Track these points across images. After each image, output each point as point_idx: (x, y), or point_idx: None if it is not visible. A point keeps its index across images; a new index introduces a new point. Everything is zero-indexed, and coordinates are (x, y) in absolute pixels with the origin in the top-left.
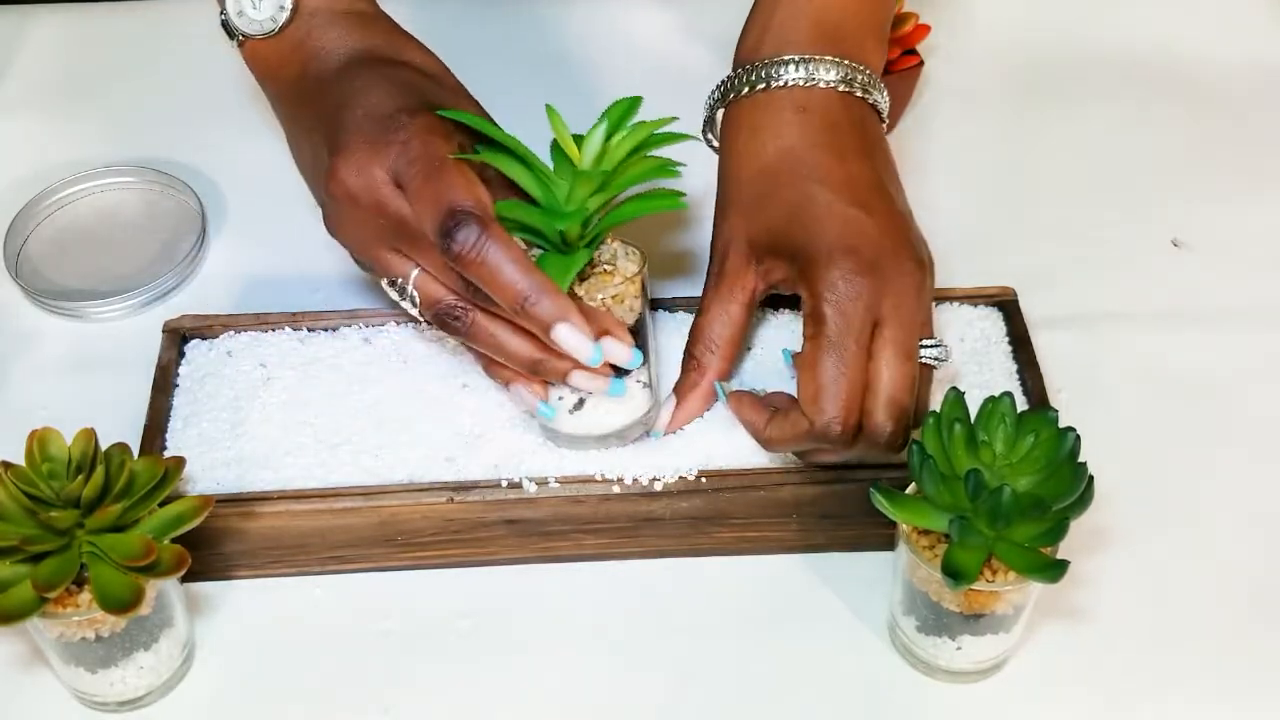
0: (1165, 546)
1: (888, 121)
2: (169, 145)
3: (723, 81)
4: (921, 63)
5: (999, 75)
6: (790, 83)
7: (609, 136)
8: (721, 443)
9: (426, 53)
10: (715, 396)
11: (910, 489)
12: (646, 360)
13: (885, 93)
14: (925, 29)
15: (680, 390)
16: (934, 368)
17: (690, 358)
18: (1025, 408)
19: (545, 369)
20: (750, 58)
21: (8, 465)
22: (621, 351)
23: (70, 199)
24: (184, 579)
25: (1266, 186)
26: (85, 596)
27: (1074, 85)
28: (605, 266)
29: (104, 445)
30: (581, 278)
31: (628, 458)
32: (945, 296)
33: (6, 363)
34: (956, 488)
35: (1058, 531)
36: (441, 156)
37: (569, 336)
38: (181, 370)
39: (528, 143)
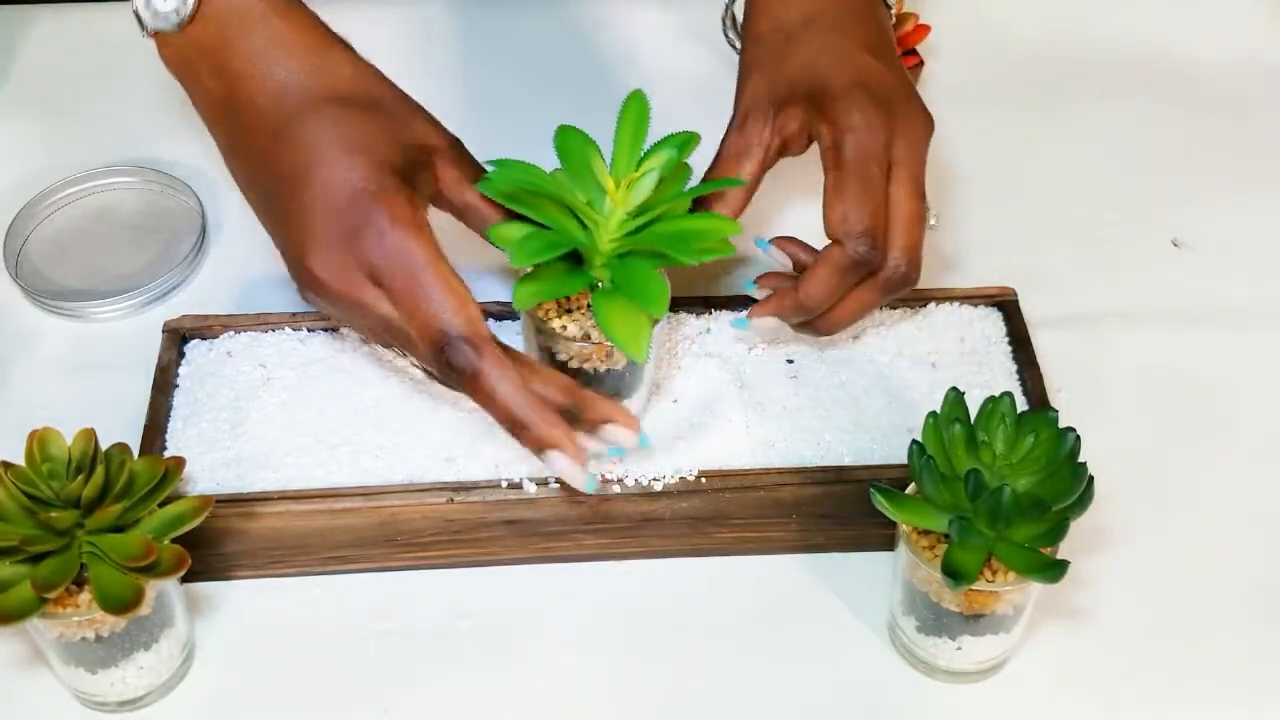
0: (1165, 546)
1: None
2: (169, 145)
3: None
4: (921, 63)
5: (999, 75)
6: None
7: (660, 179)
8: (722, 443)
9: (354, 60)
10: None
11: (910, 489)
12: (641, 381)
13: None
14: (925, 29)
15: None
16: (926, 227)
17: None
18: (1025, 408)
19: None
20: None
21: (8, 465)
22: (626, 438)
23: (70, 199)
24: (184, 579)
25: (1266, 186)
26: (85, 597)
27: (1074, 85)
28: None
29: (104, 445)
30: (578, 305)
31: (628, 458)
32: (945, 296)
33: (6, 363)
34: (956, 488)
35: (1058, 532)
36: (420, 257)
37: (558, 462)
38: (181, 370)
39: (530, 143)
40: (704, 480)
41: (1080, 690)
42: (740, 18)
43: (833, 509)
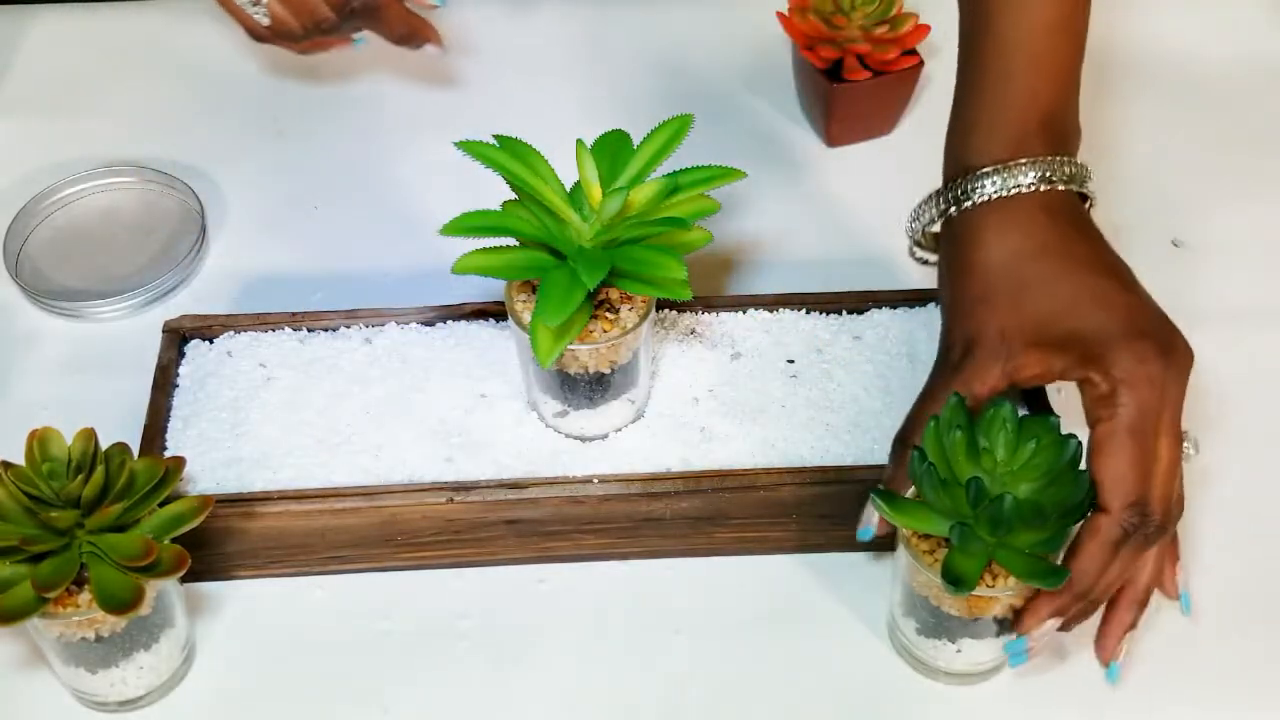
0: None
1: (893, 123)
2: (169, 145)
3: (943, 191)
4: (921, 63)
5: None
6: (1029, 185)
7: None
8: (721, 443)
9: None
10: None
11: (910, 493)
12: (638, 383)
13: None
14: (925, 29)
15: (891, 482)
16: (1187, 458)
17: (904, 447)
18: (1024, 410)
19: None
20: (980, 162)
21: (8, 465)
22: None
23: (70, 199)
24: (184, 579)
25: (1266, 186)
26: (85, 596)
27: None
28: (607, 314)
29: (104, 445)
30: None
31: (628, 458)
32: None
33: (6, 363)
34: (957, 494)
35: (1058, 539)
36: None
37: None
38: (181, 370)
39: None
40: (704, 480)
41: (1078, 688)
42: (934, 233)
43: (833, 509)
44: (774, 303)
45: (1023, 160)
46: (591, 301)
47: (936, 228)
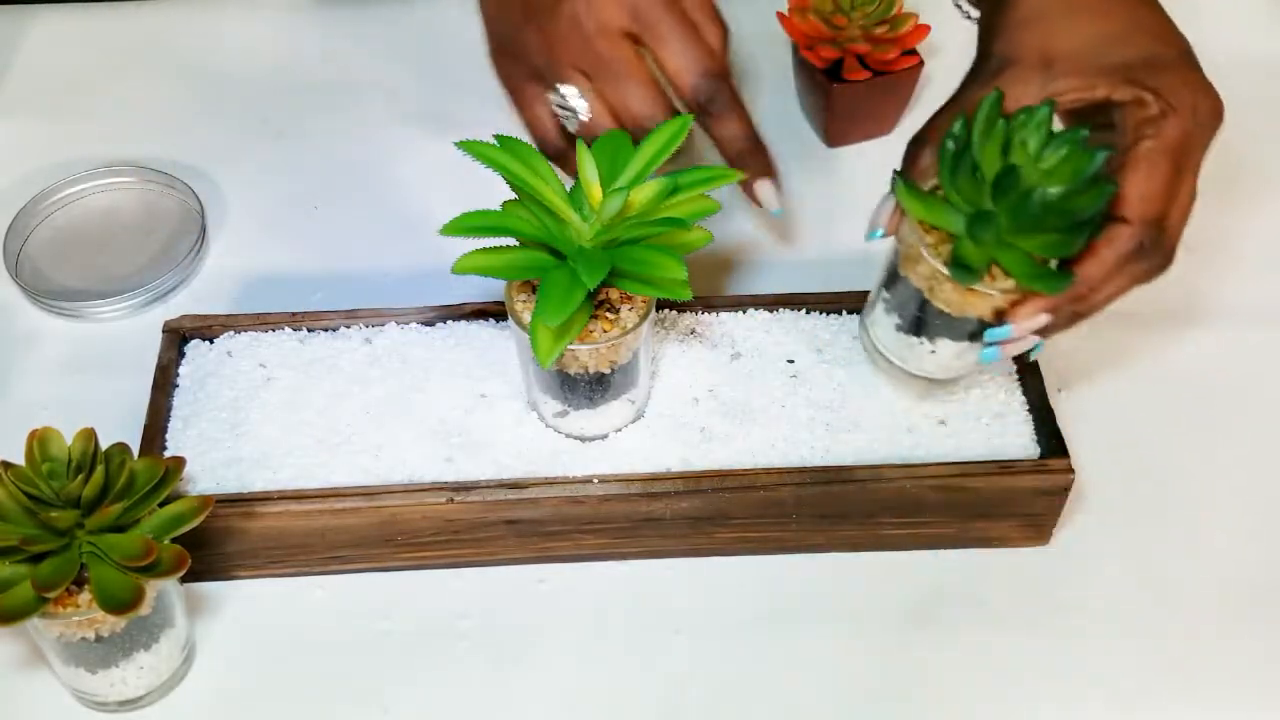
0: (1165, 546)
1: (893, 123)
2: (169, 145)
3: None
4: (922, 63)
5: None
6: None
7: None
8: (722, 443)
9: None
10: None
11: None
12: (638, 383)
13: None
14: (925, 29)
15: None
16: None
17: (918, 146)
18: (1024, 399)
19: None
20: None
21: (8, 465)
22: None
23: (70, 199)
24: (184, 579)
25: (1266, 186)
26: (85, 597)
27: None
28: (607, 314)
29: (104, 445)
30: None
31: (628, 458)
32: None
33: (6, 363)
34: (983, 185)
35: (1069, 245)
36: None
37: (769, 189)
38: (181, 370)
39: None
40: (704, 480)
41: (1080, 690)
42: None
43: (833, 509)
44: (774, 303)
45: None
46: (591, 301)
47: None
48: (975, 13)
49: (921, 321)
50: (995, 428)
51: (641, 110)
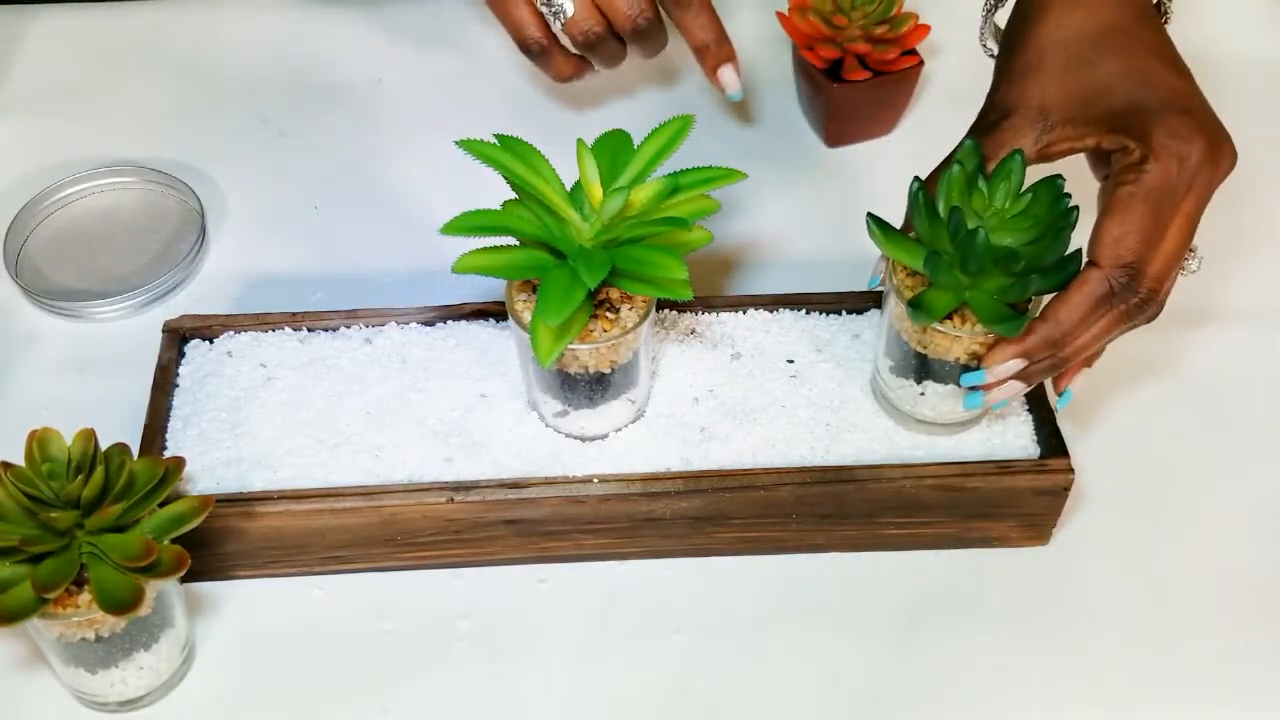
0: (1165, 546)
1: (893, 123)
2: (169, 145)
3: None
4: (921, 63)
5: None
6: None
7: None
8: (722, 443)
9: None
10: None
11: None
12: (638, 383)
13: None
14: (925, 29)
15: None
16: (1187, 272)
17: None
18: (1026, 407)
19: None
20: None
21: (8, 465)
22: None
23: (70, 199)
24: (184, 579)
25: (1267, 186)
26: (85, 597)
27: None
28: (607, 314)
29: (104, 445)
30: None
31: (628, 458)
32: None
33: (6, 363)
34: (940, 229)
35: (1021, 289)
36: None
37: (731, 74)
38: (181, 370)
39: (540, 139)
40: (704, 480)
41: (1080, 690)
42: (1002, 26)
43: (833, 509)
44: (774, 303)
45: None
46: (591, 301)
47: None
48: (998, 48)
49: (908, 364)
50: (995, 427)
51: (627, 7)
